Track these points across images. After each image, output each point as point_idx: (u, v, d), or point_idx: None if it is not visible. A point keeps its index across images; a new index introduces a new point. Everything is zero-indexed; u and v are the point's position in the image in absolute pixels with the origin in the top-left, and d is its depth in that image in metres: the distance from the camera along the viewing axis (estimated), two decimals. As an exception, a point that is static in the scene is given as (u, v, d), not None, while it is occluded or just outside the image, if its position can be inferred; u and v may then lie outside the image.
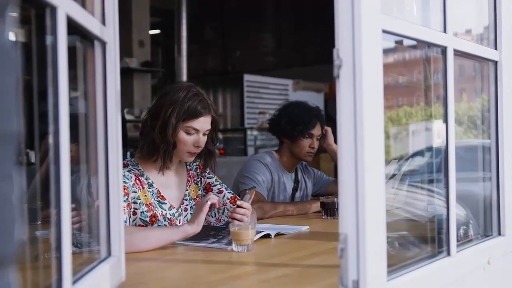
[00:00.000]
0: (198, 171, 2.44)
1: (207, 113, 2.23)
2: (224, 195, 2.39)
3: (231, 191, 2.44)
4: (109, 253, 1.38)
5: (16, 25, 0.65)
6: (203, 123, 2.23)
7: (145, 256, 1.89)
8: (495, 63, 1.82)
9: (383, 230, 1.22)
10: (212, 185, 2.43)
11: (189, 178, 2.39)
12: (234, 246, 1.89)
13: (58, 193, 1.01)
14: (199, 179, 2.43)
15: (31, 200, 1.68)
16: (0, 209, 0.58)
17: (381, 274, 1.22)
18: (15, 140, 0.61)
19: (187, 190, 2.36)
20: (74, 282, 1.11)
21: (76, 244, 1.33)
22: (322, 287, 1.51)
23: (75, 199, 1.16)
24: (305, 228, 2.38)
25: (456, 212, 1.57)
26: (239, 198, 2.38)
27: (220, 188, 2.42)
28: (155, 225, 2.19)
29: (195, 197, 2.38)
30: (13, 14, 0.62)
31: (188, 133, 2.20)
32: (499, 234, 1.82)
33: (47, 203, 1.10)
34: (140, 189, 2.19)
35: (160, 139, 2.18)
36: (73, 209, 1.36)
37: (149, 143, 2.21)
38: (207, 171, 2.46)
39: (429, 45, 1.57)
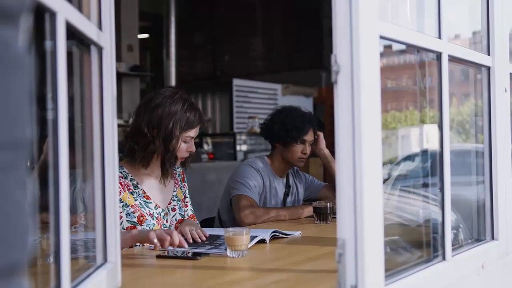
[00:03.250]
0: (180, 177, 2.54)
1: (202, 121, 2.37)
2: (187, 211, 2.49)
3: (193, 209, 2.55)
4: (105, 259, 1.38)
5: (28, 31, 0.64)
6: (197, 130, 2.36)
7: (141, 262, 1.89)
8: (488, 68, 1.83)
9: (381, 235, 1.22)
10: (185, 195, 2.55)
11: (175, 181, 2.49)
12: (228, 252, 1.88)
13: (56, 199, 1.01)
14: (182, 184, 2.54)
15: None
16: (14, 216, 0.58)
17: (379, 279, 1.22)
18: (28, 147, 0.61)
19: (174, 191, 2.45)
20: (72, 289, 1.10)
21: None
22: (318, 292, 1.51)
23: (70, 204, 1.15)
24: (298, 233, 2.38)
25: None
26: (195, 218, 2.52)
27: (188, 202, 2.54)
28: (144, 224, 2.24)
29: (182, 199, 2.48)
30: (26, 21, 0.62)
31: (185, 142, 2.32)
32: (493, 238, 1.83)
33: (41, 209, 1.10)
34: (122, 192, 2.24)
35: (164, 151, 2.27)
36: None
37: (150, 153, 2.28)
38: (185, 181, 2.57)
39: (425, 50, 1.58)
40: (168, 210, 2.39)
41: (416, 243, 1.75)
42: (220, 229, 2.41)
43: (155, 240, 1.91)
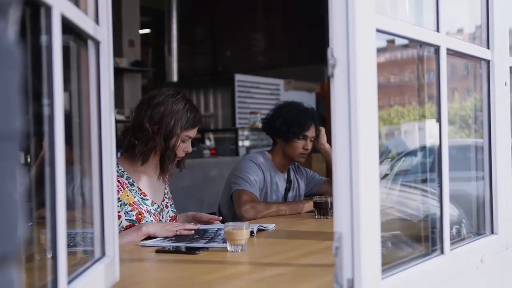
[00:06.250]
0: (167, 177, 2.56)
1: (201, 122, 2.40)
2: (168, 212, 2.48)
3: (175, 210, 2.54)
4: (103, 253, 1.38)
5: (17, 25, 0.65)
6: (196, 131, 2.40)
7: (139, 256, 1.89)
8: (488, 62, 1.83)
9: (377, 228, 1.22)
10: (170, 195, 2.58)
11: (166, 180, 2.52)
12: (228, 246, 1.88)
13: (53, 194, 1.01)
14: (168, 183, 2.57)
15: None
16: (4, 207, 0.58)
17: (375, 273, 1.22)
18: (18, 139, 0.61)
19: (166, 189, 2.50)
20: (69, 282, 1.10)
21: (69, 244, 1.33)
22: (316, 285, 1.51)
23: (67, 199, 1.15)
24: (272, 227, 2.38)
25: (449, 212, 1.58)
26: (176, 219, 2.52)
27: (172, 202, 2.54)
28: (142, 221, 2.27)
29: (171, 197, 2.53)
30: (16, 13, 0.62)
31: (183, 141, 2.34)
32: (492, 232, 1.83)
33: (39, 204, 1.10)
34: (121, 190, 2.26)
35: (163, 148, 2.30)
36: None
37: (149, 149, 2.30)
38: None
39: (422, 44, 1.57)
40: (163, 207, 2.44)
41: (416, 238, 1.75)
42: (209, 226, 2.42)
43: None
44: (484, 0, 1.82)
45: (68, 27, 1.13)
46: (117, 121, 6.47)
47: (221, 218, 2.52)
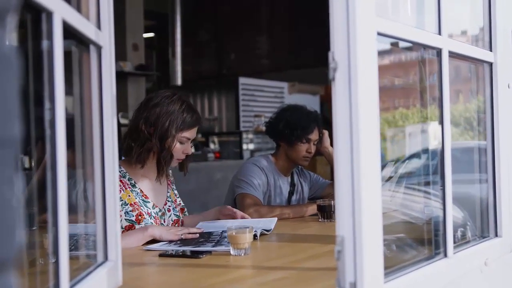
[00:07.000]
0: (172, 180, 2.58)
1: (199, 123, 2.39)
2: (170, 215, 2.48)
3: (178, 214, 2.54)
4: (106, 258, 1.38)
5: (15, 30, 0.65)
6: (195, 132, 2.39)
7: (142, 260, 1.89)
8: (490, 64, 1.82)
9: (379, 232, 1.22)
10: (177, 196, 2.58)
11: (169, 183, 2.53)
12: (231, 250, 1.88)
13: (55, 198, 1.01)
14: (174, 186, 2.58)
15: (26, 205, 1.68)
16: (1, 212, 0.58)
17: (378, 276, 1.22)
18: (16, 145, 0.61)
19: (168, 192, 2.49)
20: (71, 286, 1.10)
21: (71, 248, 1.33)
22: (319, 289, 1.50)
23: (71, 204, 1.16)
24: (274, 221, 2.41)
25: (453, 214, 1.58)
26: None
27: (175, 206, 2.53)
28: (142, 223, 2.28)
29: (174, 200, 2.52)
30: (14, 19, 0.63)
31: (181, 142, 2.34)
32: (496, 235, 1.83)
33: (43, 208, 1.10)
34: (123, 190, 2.28)
35: (159, 149, 2.30)
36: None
37: (146, 151, 2.30)
38: (173, 184, 2.60)
39: (424, 47, 1.57)
40: (165, 210, 2.43)
41: (419, 241, 1.75)
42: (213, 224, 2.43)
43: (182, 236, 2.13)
44: (487, 2, 1.81)
45: (70, 32, 1.14)
46: (121, 125, 6.47)
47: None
